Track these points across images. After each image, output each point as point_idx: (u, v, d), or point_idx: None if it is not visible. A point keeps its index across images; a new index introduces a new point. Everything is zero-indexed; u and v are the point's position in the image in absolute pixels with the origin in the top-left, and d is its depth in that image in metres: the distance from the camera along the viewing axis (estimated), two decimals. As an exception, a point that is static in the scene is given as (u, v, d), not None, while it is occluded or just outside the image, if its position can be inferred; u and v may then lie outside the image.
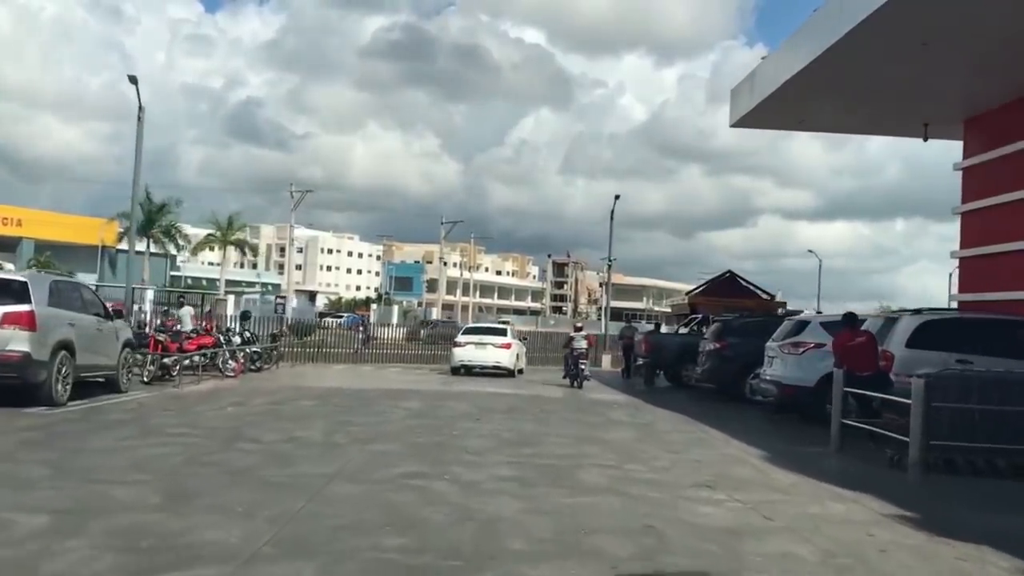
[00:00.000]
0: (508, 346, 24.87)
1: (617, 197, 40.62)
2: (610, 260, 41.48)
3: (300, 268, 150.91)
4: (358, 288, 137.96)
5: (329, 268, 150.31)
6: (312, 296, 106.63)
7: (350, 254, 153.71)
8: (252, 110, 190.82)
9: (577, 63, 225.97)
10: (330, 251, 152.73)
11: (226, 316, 32.64)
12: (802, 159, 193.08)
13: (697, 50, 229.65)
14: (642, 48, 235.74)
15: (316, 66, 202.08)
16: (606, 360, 38.44)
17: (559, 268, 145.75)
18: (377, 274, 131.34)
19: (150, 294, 57.38)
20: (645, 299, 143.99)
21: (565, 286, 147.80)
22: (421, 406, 15.30)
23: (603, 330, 38.86)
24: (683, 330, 27.09)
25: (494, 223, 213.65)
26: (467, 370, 24.64)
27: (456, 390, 19.58)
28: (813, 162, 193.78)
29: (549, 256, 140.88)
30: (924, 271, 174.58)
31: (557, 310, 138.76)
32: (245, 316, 25.29)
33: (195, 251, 70.08)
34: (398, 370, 27.94)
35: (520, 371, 25.76)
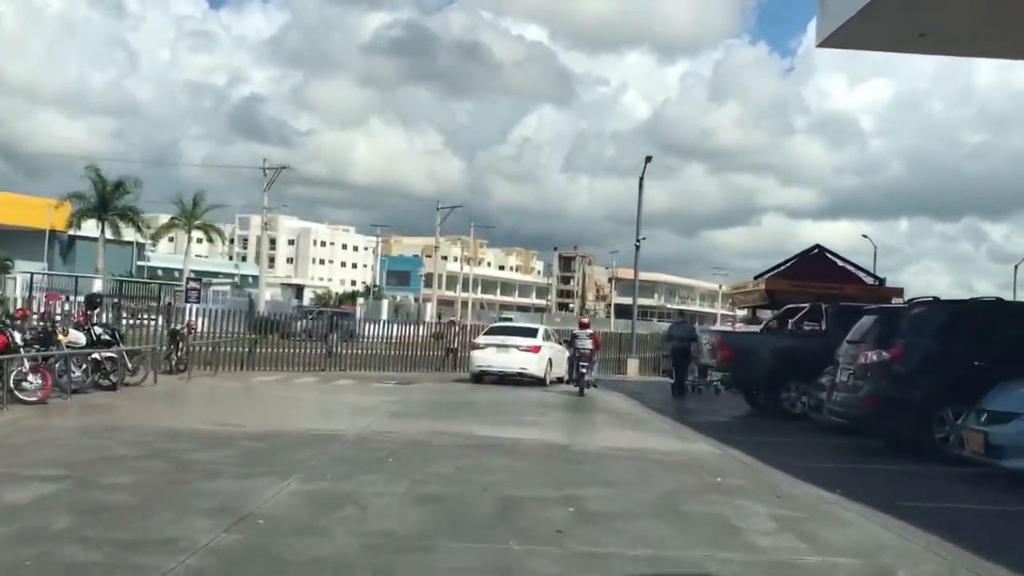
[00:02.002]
0: (536, 349, 20.73)
1: (648, 159, 31.94)
2: (639, 240, 32.74)
3: (291, 261, 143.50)
4: (353, 283, 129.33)
5: (322, 262, 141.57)
6: (299, 290, 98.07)
7: (345, 247, 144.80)
8: (255, 106, 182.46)
9: (579, 61, 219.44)
10: (323, 244, 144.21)
11: (185, 309, 25.49)
12: (805, 157, 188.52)
13: (699, 48, 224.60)
14: (644, 46, 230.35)
15: (319, 63, 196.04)
16: (632, 366, 30.05)
17: (566, 262, 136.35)
18: (375, 268, 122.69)
19: (98, 284, 49.04)
20: (657, 295, 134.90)
21: (572, 281, 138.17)
22: (285, 506, 6.52)
23: (612, 326, 30.30)
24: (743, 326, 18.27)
25: (497, 221, 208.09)
26: (495, 377, 20.65)
27: (407, 432, 10.81)
28: (816, 160, 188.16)
29: (555, 249, 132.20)
30: (926, 270, 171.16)
31: (564, 307, 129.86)
32: (92, 303, 16.42)
33: (156, 236, 61.17)
34: (351, 383, 19.37)
35: (561, 379, 20.97)
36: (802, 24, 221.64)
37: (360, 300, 72.28)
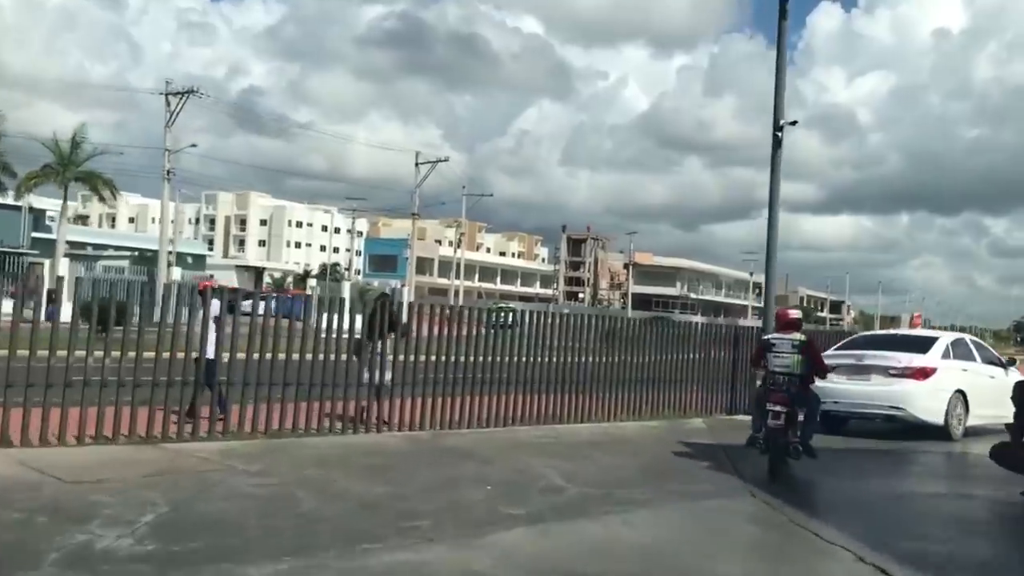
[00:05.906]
0: (924, 373, 11.99)
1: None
2: (781, 127, 15.27)
3: (264, 244, 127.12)
4: (335, 267, 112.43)
5: (299, 245, 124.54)
6: (259, 273, 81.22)
7: (324, 229, 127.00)
8: (253, 99, 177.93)
9: (576, 54, 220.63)
10: (300, 224, 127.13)
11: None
12: (803, 151, 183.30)
13: (695, 42, 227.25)
14: (640, 39, 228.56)
15: (317, 55, 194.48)
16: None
17: (575, 246, 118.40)
18: (359, 253, 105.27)
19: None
20: (679, 284, 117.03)
21: (581, 268, 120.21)
22: None
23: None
24: None
25: (497, 214, 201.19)
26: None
27: None
28: (814, 154, 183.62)
29: (563, 229, 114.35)
30: (927, 265, 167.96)
31: (572, 295, 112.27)
32: None
33: (20, 190, 43.21)
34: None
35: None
36: (799, 17, 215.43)
37: (312, 283, 54.41)
